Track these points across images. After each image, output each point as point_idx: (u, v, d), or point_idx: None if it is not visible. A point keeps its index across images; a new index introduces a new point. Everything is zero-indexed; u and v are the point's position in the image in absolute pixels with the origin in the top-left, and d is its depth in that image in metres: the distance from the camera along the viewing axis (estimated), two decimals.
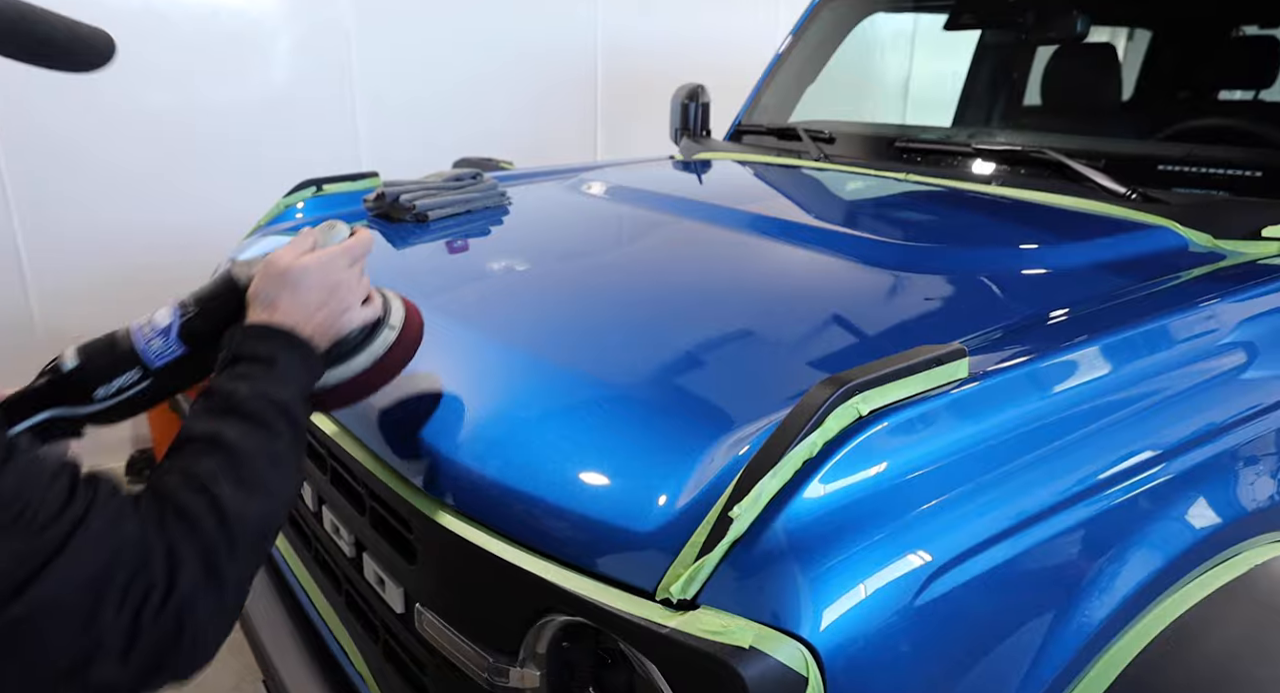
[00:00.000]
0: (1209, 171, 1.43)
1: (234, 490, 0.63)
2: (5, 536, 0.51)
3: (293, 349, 0.75)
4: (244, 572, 0.63)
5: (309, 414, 0.77)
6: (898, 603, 0.68)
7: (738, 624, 0.64)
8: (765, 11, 4.57)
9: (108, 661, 0.54)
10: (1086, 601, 0.76)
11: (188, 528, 0.60)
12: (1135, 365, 0.90)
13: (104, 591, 0.54)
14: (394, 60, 3.37)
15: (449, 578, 0.86)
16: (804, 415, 0.70)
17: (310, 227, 0.87)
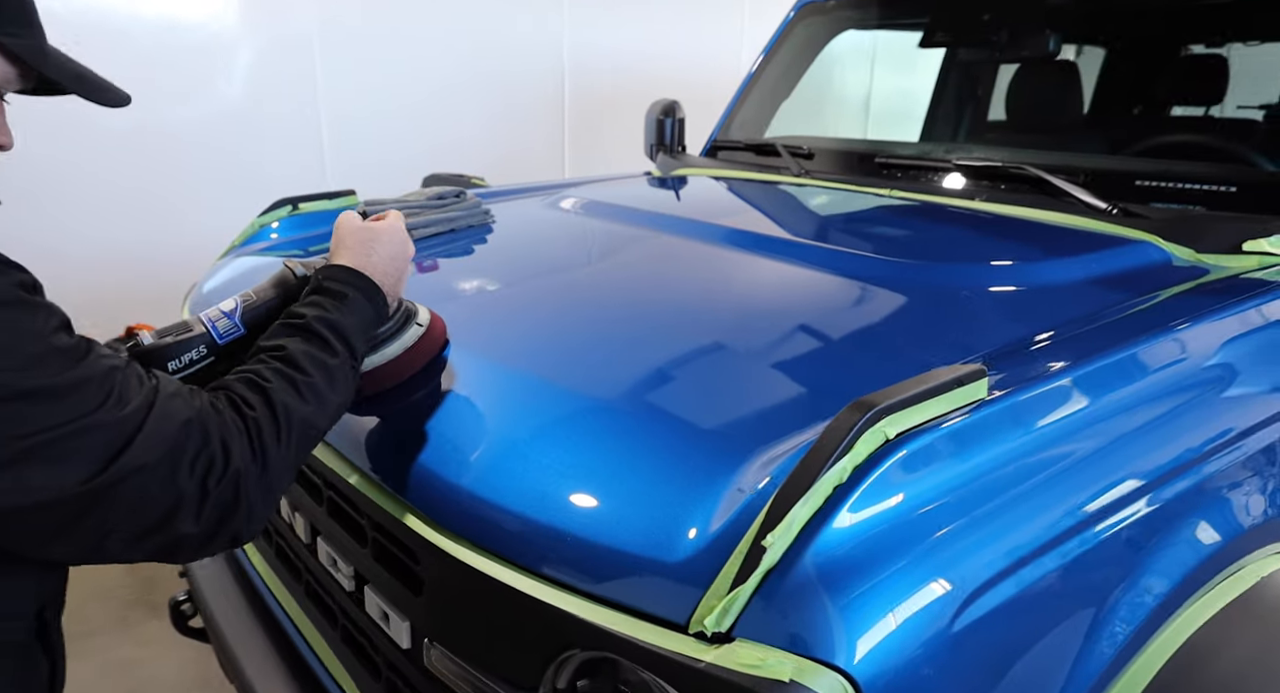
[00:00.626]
0: (1185, 187, 1.47)
1: (285, 389, 0.74)
2: (104, 409, 0.62)
3: (362, 289, 0.86)
4: (288, 459, 0.73)
5: (365, 348, 0.87)
6: (934, 629, 0.67)
7: (776, 657, 0.63)
8: (730, 30, 4.62)
9: (186, 516, 0.65)
10: (1110, 620, 0.76)
11: (241, 414, 0.70)
12: (1145, 381, 0.91)
13: (179, 457, 0.65)
14: (359, 75, 3.33)
15: (462, 612, 0.83)
16: (833, 441, 0.69)
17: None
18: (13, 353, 0.59)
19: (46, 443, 0.59)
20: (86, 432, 0.61)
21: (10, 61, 0.72)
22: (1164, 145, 1.74)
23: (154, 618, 2.41)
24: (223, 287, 1.63)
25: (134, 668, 2.19)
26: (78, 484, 0.60)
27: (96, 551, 0.64)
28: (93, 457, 0.61)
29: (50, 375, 0.60)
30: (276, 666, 1.20)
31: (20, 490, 0.58)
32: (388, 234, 0.93)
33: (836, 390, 0.89)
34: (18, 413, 0.58)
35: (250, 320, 0.90)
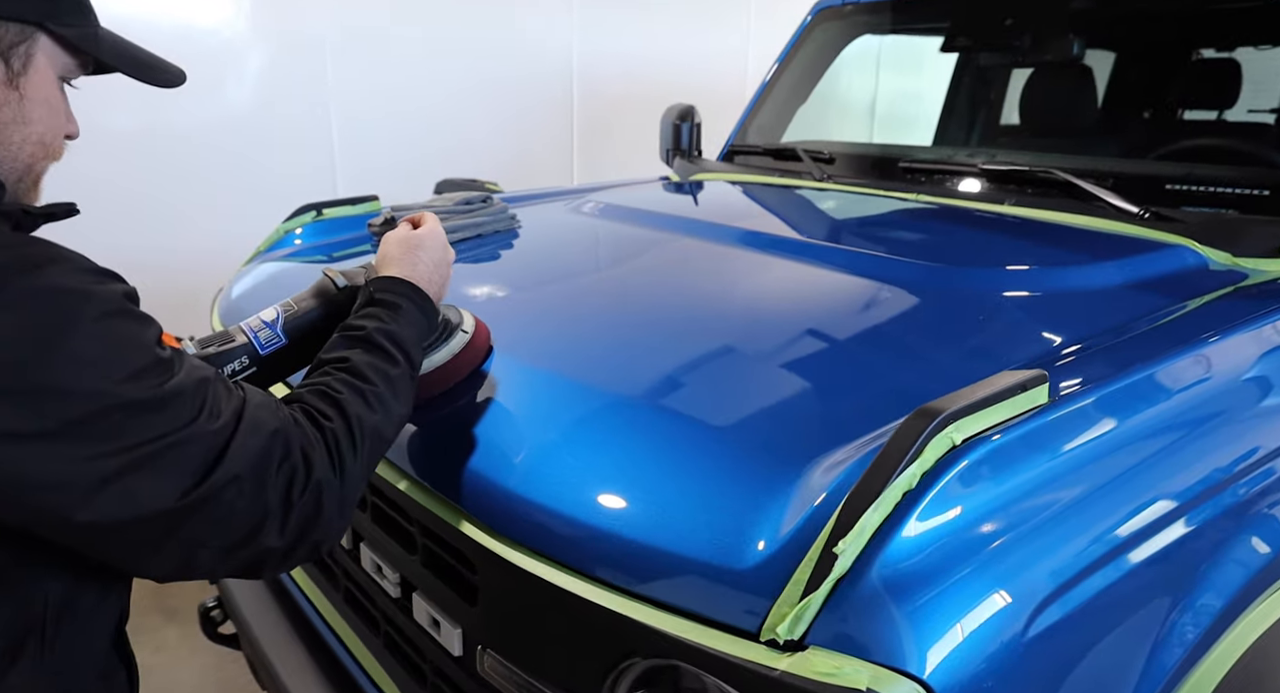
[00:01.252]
0: (1217, 190, 1.46)
1: (356, 400, 0.75)
2: (199, 421, 0.62)
3: (413, 298, 0.88)
4: (362, 470, 0.73)
5: (422, 358, 0.89)
6: (1007, 635, 0.66)
7: (851, 665, 0.63)
8: (736, 33, 4.63)
9: (272, 528, 0.65)
10: (1179, 620, 0.76)
11: (318, 426, 0.71)
12: (1199, 387, 0.90)
13: (266, 470, 0.65)
14: (370, 79, 3.33)
15: (520, 619, 0.82)
16: (901, 447, 0.69)
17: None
18: (119, 364, 0.59)
19: (150, 455, 0.59)
20: (185, 443, 0.61)
21: (69, 51, 0.73)
22: (1192, 149, 1.74)
23: (169, 625, 2.40)
24: (250, 291, 1.63)
25: (149, 675, 2.18)
26: (177, 497, 0.60)
27: (188, 565, 0.64)
28: (190, 469, 0.61)
29: (152, 387, 0.60)
30: (313, 672, 1.19)
31: (128, 503, 0.59)
32: (430, 240, 0.95)
33: (889, 395, 0.89)
34: (122, 424, 0.58)
35: (292, 330, 0.90)
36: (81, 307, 0.59)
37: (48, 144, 0.73)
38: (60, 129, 0.75)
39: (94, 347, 0.58)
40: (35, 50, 0.70)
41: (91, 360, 0.58)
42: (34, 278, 0.58)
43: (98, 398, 0.57)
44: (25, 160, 0.72)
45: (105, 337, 0.59)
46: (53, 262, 0.60)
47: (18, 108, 0.69)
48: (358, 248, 1.79)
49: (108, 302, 0.61)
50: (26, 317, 0.56)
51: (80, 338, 0.58)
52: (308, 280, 1.63)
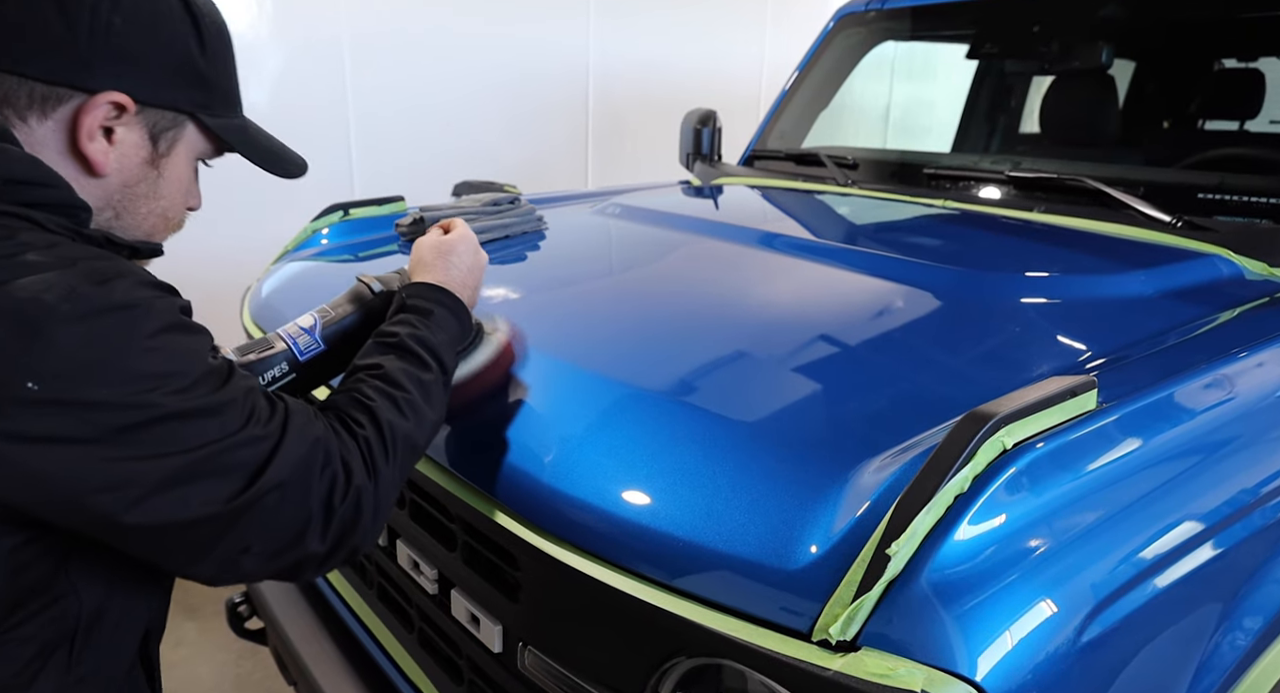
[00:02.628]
0: (1251, 200, 1.46)
1: (389, 407, 0.76)
2: (248, 428, 0.64)
3: (446, 304, 0.88)
4: (394, 475, 0.74)
5: (455, 363, 0.89)
6: (1060, 640, 0.66)
7: (905, 666, 0.63)
8: (752, 38, 4.64)
9: (315, 533, 0.67)
10: (1227, 633, 0.76)
11: (353, 433, 0.73)
12: (1245, 397, 0.90)
13: (309, 476, 0.67)
14: (388, 80, 3.34)
15: (563, 616, 0.83)
16: (954, 450, 0.69)
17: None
18: (178, 375, 0.62)
19: (203, 460, 0.61)
20: (235, 449, 0.63)
21: (210, 138, 0.79)
22: (1220, 158, 1.73)
23: (189, 620, 2.42)
24: (279, 289, 1.64)
25: (169, 670, 2.20)
26: (226, 501, 0.62)
27: (233, 568, 0.66)
28: (240, 474, 0.63)
29: (206, 395, 0.63)
30: (343, 667, 1.20)
31: (181, 507, 0.61)
32: (462, 245, 0.96)
33: (931, 400, 0.89)
34: (176, 432, 0.61)
35: (330, 336, 0.91)
36: (143, 322, 0.61)
37: (169, 217, 0.80)
38: (183, 204, 0.81)
39: (152, 360, 0.61)
40: (181, 136, 0.77)
41: (149, 373, 0.60)
42: (104, 291, 0.60)
43: (153, 409, 0.60)
44: (146, 230, 0.78)
45: (163, 350, 0.62)
46: (120, 275, 0.63)
47: (153, 184, 0.76)
48: (384, 248, 1.80)
49: (167, 316, 0.64)
50: (94, 329, 0.59)
51: (140, 351, 0.60)
52: (335, 279, 1.65)
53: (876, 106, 4.81)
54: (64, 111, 0.69)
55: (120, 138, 0.72)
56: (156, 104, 0.73)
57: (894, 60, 4.86)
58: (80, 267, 0.61)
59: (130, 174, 0.74)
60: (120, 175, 0.73)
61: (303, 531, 0.67)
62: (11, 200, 0.63)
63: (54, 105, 0.69)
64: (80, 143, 0.70)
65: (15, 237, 0.61)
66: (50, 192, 0.66)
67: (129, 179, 0.74)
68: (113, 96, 0.70)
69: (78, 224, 0.68)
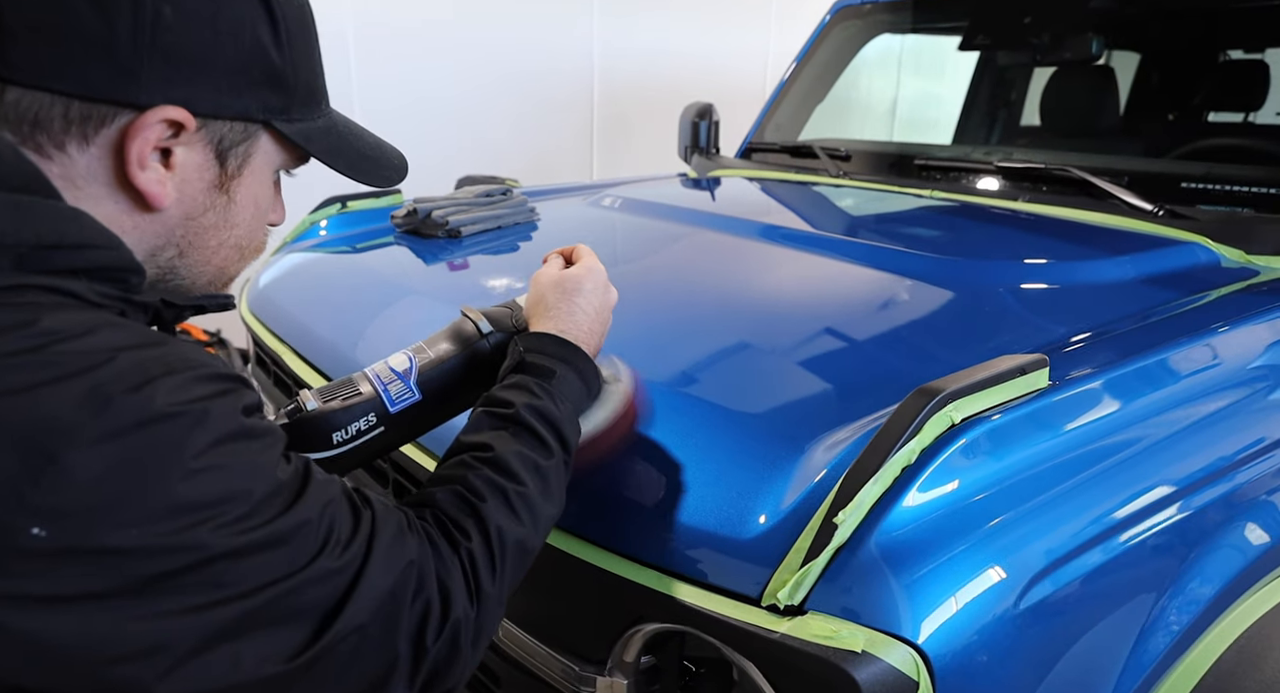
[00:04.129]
0: (1232, 189, 1.47)
1: (499, 506, 0.63)
2: (323, 557, 0.50)
3: (571, 363, 0.74)
4: (499, 593, 0.62)
5: (579, 436, 0.74)
6: (999, 607, 0.69)
7: (848, 629, 0.65)
8: (757, 32, 4.65)
9: (399, 681, 0.54)
10: (1169, 607, 0.78)
11: (456, 546, 0.59)
12: (1202, 377, 0.92)
13: (397, 610, 0.54)
14: (393, 76, 3.39)
15: (533, 586, 0.85)
16: (901, 424, 0.71)
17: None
18: (235, 501, 0.47)
19: (262, 607, 0.47)
20: (304, 588, 0.49)
21: (288, 148, 0.64)
22: (1211, 148, 1.74)
23: None
24: (277, 281, 1.68)
25: None
26: (288, 658, 0.49)
27: None
28: (309, 619, 0.50)
29: (271, 523, 0.49)
30: None
31: (232, 669, 0.47)
32: (590, 282, 0.80)
33: (897, 381, 0.91)
34: (231, 574, 0.47)
35: (426, 382, 0.77)
36: (191, 435, 0.47)
37: (244, 246, 0.65)
38: (260, 228, 0.67)
39: (201, 485, 0.46)
40: (254, 150, 0.62)
41: (195, 504, 0.46)
42: (143, 398, 0.46)
43: (199, 550, 0.45)
44: (218, 264, 0.64)
45: (216, 469, 0.47)
46: (170, 372, 0.48)
47: (223, 212, 0.62)
48: (382, 239, 1.84)
49: (224, 423, 0.49)
50: (126, 452, 0.45)
51: (184, 475, 0.46)
52: (336, 271, 1.69)
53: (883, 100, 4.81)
54: (108, 134, 0.54)
55: (180, 161, 0.58)
56: (222, 116, 0.58)
57: (901, 54, 4.87)
58: (119, 362, 0.46)
59: (194, 204, 0.60)
60: (182, 206, 0.59)
61: (385, 678, 0.53)
62: (40, 268, 0.49)
63: (96, 127, 0.54)
64: (130, 172, 0.55)
65: (37, 323, 0.46)
66: (95, 254, 0.52)
67: (193, 210, 0.60)
68: (166, 113, 0.55)
69: (127, 290, 0.54)
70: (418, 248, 1.68)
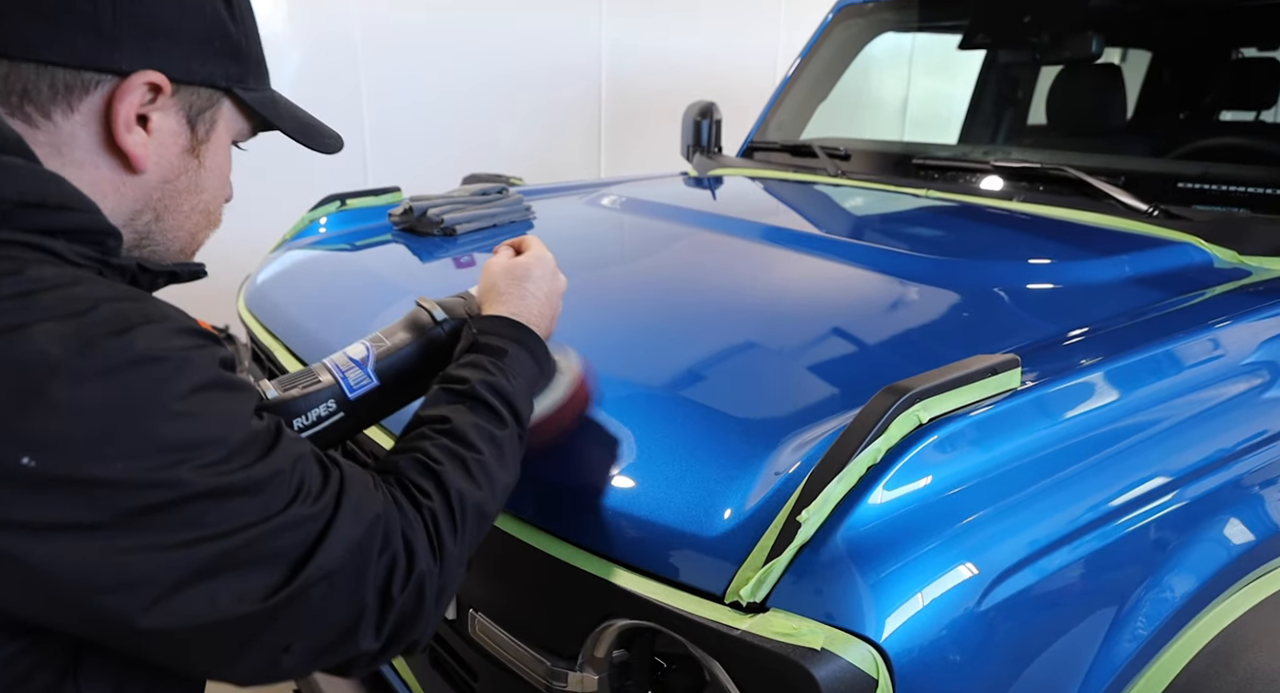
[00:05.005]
0: (1230, 189, 1.46)
1: (457, 471, 0.66)
2: (295, 505, 0.54)
3: (522, 342, 0.78)
4: (461, 552, 0.65)
5: (531, 411, 0.77)
6: (962, 607, 0.69)
7: (809, 626, 0.66)
8: (766, 31, 4.64)
9: (368, 628, 0.57)
10: (1139, 608, 0.78)
11: (417, 505, 0.63)
12: (1178, 378, 0.92)
13: (365, 561, 0.57)
14: (401, 76, 3.40)
15: (507, 582, 0.87)
16: (868, 423, 0.72)
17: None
18: (213, 445, 0.51)
19: (239, 548, 0.51)
20: (277, 533, 0.52)
21: (246, 116, 0.70)
22: (1207, 148, 1.73)
23: None
24: (275, 278, 1.69)
25: None
26: (264, 596, 0.52)
27: (271, 670, 0.55)
28: (282, 563, 0.53)
29: (246, 468, 0.52)
30: None
31: (209, 605, 0.50)
32: (539, 269, 0.85)
33: (874, 381, 0.91)
34: (210, 514, 0.50)
35: (384, 370, 0.79)
36: (172, 379, 0.50)
37: (210, 212, 0.70)
38: (223, 196, 0.72)
39: (182, 427, 0.50)
40: (219, 116, 0.67)
41: (176, 444, 0.49)
42: (125, 341, 0.49)
43: (180, 487, 0.49)
44: (190, 230, 0.68)
45: (195, 414, 0.51)
46: (149, 321, 0.52)
47: (194, 176, 0.67)
48: (380, 236, 1.85)
49: (203, 372, 0.52)
50: (110, 390, 0.48)
51: (166, 417, 0.49)
52: (332, 269, 1.70)
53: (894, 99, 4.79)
54: (94, 101, 0.59)
55: (157, 125, 0.62)
56: (193, 81, 0.63)
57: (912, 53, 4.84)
58: (101, 310, 0.50)
59: (170, 167, 0.64)
60: (160, 169, 0.63)
61: (354, 625, 0.56)
62: (23, 226, 0.52)
63: (81, 94, 0.58)
64: (118, 135, 0.60)
65: (24, 272, 0.50)
66: (73, 216, 0.55)
67: (169, 173, 0.64)
68: (148, 77, 0.60)
69: (105, 252, 0.57)
70: (413, 246, 1.69)
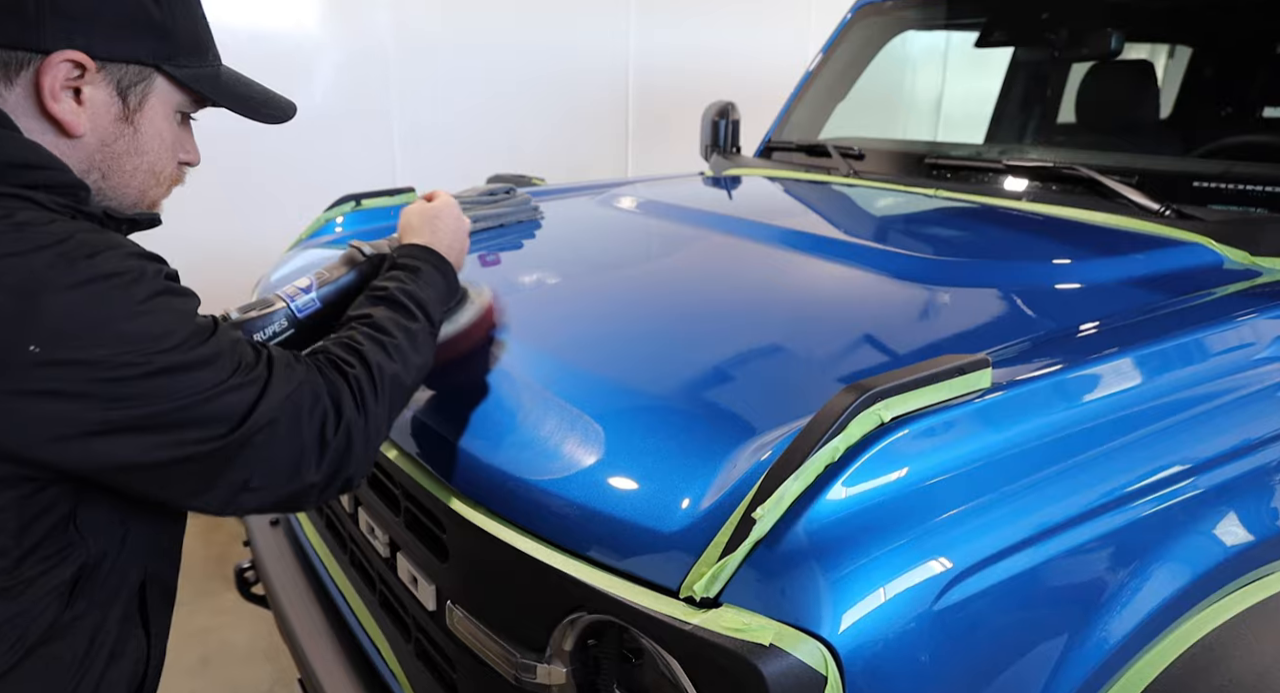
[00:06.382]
0: (1246, 188, 1.42)
1: (376, 350, 0.81)
2: (236, 374, 0.70)
3: (433, 263, 0.94)
4: (384, 411, 0.80)
5: (441, 318, 0.94)
6: (917, 607, 0.69)
7: (758, 622, 0.66)
8: (796, 31, 4.61)
9: (310, 465, 0.74)
10: (1109, 614, 0.76)
11: (342, 372, 0.78)
12: (1161, 379, 0.90)
13: (299, 411, 0.73)
14: (431, 80, 3.46)
15: (480, 576, 0.88)
16: (826, 421, 0.72)
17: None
18: (171, 335, 0.67)
19: (196, 404, 0.67)
20: (225, 394, 0.69)
21: (182, 90, 0.81)
22: (1228, 147, 1.67)
23: (229, 590, 2.56)
24: (291, 275, 1.74)
25: (207, 635, 2.35)
26: (220, 438, 0.68)
27: (236, 499, 0.72)
28: (232, 414, 0.69)
29: (194, 349, 0.68)
30: (324, 629, 1.28)
31: (177, 446, 0.67)
32: (445, 211, 1.02)
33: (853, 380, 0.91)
34: (176, 383, 0.67)
35: (326, 295, 0.97)
36: (133, 288, 0.67)
37: (158, 172, 0.82)
38: (171, 159, 0.83)
39: (144, 322, 0.66)
40: (151, 90, 0.78)
41: (142, 335, 0.65)
42: (95, 262, 0.66)
43: (147, 364, 0.65)
44: (138, 187, 0.81)
45: (154, 312, 0.67)
46: (110, 247, 0.68)
47: (132, 140, 0.78)
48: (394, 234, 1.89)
49: (155, 282, 0.69)
50: (88, 297, 0.64)
51: (131, 315, 0.66)
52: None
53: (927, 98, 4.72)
54: (27, 75, 0.71)
55: (89, 97, 0.74)
56: (116, 58, 0.74)
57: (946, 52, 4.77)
58: (75, 240, 0.66)
59: (105, 132, 0.76)
60: (96, 135, 0.75)
61: (298, 463, 0.73)
62: (12, 182, 0.68)
63: (16, 70, 0.71)
64: (46, 103, 0.72)
65: (14, 216, 0.66)
66: (49, 173, 0.71)
67: (105, 138, 0.76)
68: (67, 55, 0.71)
69: (78, 202, 0.72)
70: None
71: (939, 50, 4.67)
